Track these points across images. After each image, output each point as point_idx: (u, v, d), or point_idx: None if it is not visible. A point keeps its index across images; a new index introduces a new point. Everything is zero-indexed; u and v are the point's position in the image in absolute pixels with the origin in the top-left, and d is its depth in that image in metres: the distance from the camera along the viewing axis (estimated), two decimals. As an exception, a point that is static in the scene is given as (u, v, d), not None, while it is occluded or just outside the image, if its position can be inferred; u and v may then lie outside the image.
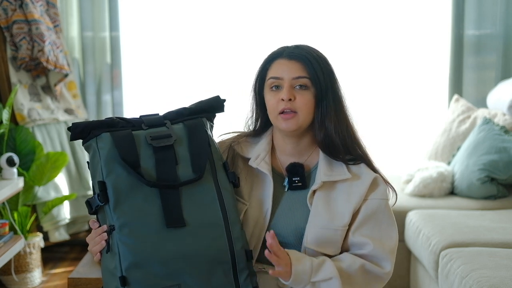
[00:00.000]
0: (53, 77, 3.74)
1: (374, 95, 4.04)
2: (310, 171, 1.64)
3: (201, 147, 1.50)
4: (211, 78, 4.08)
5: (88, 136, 1.47)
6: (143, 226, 1.40)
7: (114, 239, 1.40)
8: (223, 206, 1.47)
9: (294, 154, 1.66)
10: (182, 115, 1.55)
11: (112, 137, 1.44)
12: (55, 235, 3.65)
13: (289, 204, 1.62)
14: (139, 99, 4.15)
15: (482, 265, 2.18)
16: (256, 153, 1.64)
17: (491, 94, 3.68)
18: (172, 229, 1.41)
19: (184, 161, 1.47)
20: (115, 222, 1.40)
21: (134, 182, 1.42)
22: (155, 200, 1.42)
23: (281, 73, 1.59)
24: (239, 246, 1.47)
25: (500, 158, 3.14)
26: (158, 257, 1.39)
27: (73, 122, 1.48)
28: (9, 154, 3.10)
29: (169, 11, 4.05)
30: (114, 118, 1.50)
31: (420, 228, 2.81)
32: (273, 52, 1.65)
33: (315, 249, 1.56)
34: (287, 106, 1.57)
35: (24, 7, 3.51)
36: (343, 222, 1.57)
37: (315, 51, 1.62)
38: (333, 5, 4.00)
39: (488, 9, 3.90)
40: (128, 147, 1.43)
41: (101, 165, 1.43)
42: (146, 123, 1.50)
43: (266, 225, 1.59)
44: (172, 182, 1.44)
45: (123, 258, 1.38)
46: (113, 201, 1.41)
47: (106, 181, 1.42)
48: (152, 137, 1.46)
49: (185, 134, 1.51)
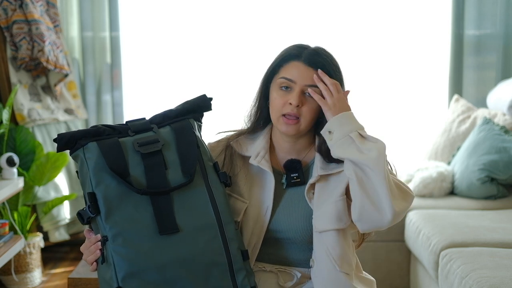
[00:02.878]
0: (53, 77, 3.74)
1: (374, 95, 4.03)
2: (308, 166, 1.65)
3: (189, 149, 1.48)
4: (211, 78, 4.08)
5: (74, 146, 1.45)
6: (136, 235, 1.39)
7: (108, 250, 1.39)
8: (215, 208, 1.46)
9: (292, 152, 1.66)
10: (169, 117, 1.54)
11: (99, 147, 1.43)
12: (55, 235, 3.65)
13: (289, 200, 1.63)
14: (139, 99, 4.15)
15: (482, 265, 2.18)
16: (256, 151, 1.64)
17: (491, 94, 3.68)
18: (166, 236, 1.40)
19: (173, 165, 1.46)
20: (107, 232, 1.39)
21: (124, 190, 1.41)
22: (147, 208, 1.41)
23: (295, 77, 1.57)
24: (235, 246, 1.46)
25: (500, 158, 3.14)
26: (154, 264, 1.38)
27: (58, 133, 1.47)
28: (9, 154, 3.10)
29: (169, 11, 4.05)
30: (99, 126, 1.48)
31: (420, 228, 2.81)
32: (290, 50, 1.61)
33: (326, 229, 1.55)
34: (293, 111, 1.56)
35: (24, 7, 3.51)
36: (340, 192, 1.57)
37: (332, 60, 1.60)
38: (333, 5, 3.99)
39: (488, 9, 3.90)
40: (115, 156, 1.42)
41: (90, 176, 1.42)
42: (132, 129, 1.48)
43: (266, 223, 1.60)
44: (162, 188, 1.43)
45: (118, 268, 1.38)
46: (104, 212, 1.39)
47: (96, 192, 1.41)
48: (139, 144, 1.45)
49: (173, 138, 1.49)
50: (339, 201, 1.56)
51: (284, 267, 1.63)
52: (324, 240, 1.56)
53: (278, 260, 1.64)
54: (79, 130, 1.46)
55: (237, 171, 1.64)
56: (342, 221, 1.56)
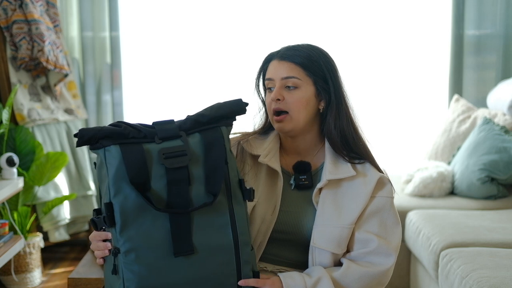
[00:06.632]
0: (53, 77, 3.74)
1: (374, 95, 4.03)
2: (317, 170, 1.66)
3: (217, 166, 1.39)
4: (211, 78, 4.08)
5: (96, 144, 1.37)
6: (150, 253, 1.34)
7: (120, 262, 1.36)
8: (234, 230, 1.40)
9: (299, 153, 1.67)
10: (200, 123, 1.42)
11: (122, 153, 1.34)
12: (55, 235, 3.65)
13: (295, 202, 1.63)
14: (139, 99, 4.15)
15: (482, 265, 2.18)
16: (266, 150, 1.65)
17: (491, 94, 3.68)
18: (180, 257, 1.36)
19: (197, 182, 1.38)
20: (120, 246, 1.35)
21: (142, 203, 1.33)
22: (164, 224, 1.35)
23: (272, 74, 1.63)
24: (248, 269, 1.43)
25: (500, 158, 3.14)
26: (164, 284, 1.35)
27: (80, 129, 1.37)
28: (9, 154, 3.10)
29: (169, 11, 4.05)
30: (125, 126, 1.38)
31: (420, 228, 2.81)
32: (270, 53, 1.68)
33: (322, 248, 1.56)
34: (277, 106, 1.60)
35: (24, 7, 3.51)
36: (350, 220, 1.57)
37: (313, 49, 1.63)
38: (333, 5, 3.99)
39: (488, 9, 3.90)
40: (138, 167, 1.33)
41: (109, 183, 1.34)
42: (159, 135, 1.38)
43: (273, 222, 1.60)
44: (183, 207, 1.35)
45: (128, 283, 1.35)
46: (120, 225, 1.34)
47: (114, 202, 1.34)
48: (165, 156, 1.35)
49: (202, 151, 1.39)
50: (346, 229, 1.56)
51: (286, 268, 1.63)
52: (316, 254, 1.57)
53: (280, 261, 1.63)
54: (103, 128, 1.36)
55: (247, 169, 1.65)
56: (340, 248, 1.57)
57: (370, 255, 1.57)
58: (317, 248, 1.56)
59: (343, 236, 1.56)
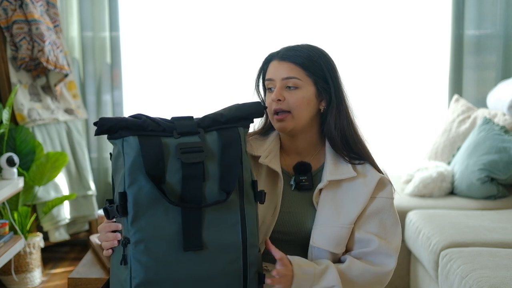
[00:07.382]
0: (53, 77, 3.74)
1: (374, 95, 4.04)
2: (317, 171, 1.66)
3: (232, 165, 1.41)
4: (211, 78, 4.08)
5: (114, 134, 1.38)
6: (159, 245, 1.35)
7: (129, 253, 1.37)
8: (244, 229, 1.41)
9: (299, 153, 1.68)
10: (218, 122, 1.44)
11: (140, 144, 1.35)
12: (55, 235, 3.65)
13: (296, 202, 1.63)
14: (139, 99, 4.15)
15: (482, 265, 2.18)
16: (266, 151, 1.65)
17: (491, 94, 3.68)
18: (189, 251, 1.36)
19: (212, 179, 1.39)
20: (131, 236, 1.35)
21: (156, 195, 1.35)
22: (176, 217, 1.36)
23: (272, 74, 1.63)
24: (253, 270, 1.43)
25: (500, 158, 3.14)
26: (170, 278, 1.36)
27: (100, 118, 1.39)
28: (9, 154, 3.10)
29: (169, 11, 4.05)
30: (145, 118, 1.40)
31: (420, 228, 2.81)
32: (270, 53, 1.68)
33: (322, 248, 1.56)
34: (278, 106, 1.61)
35: (24, 7, 3.51)
36: (349, 220, 1.58)
37: (313, 50, 1.63)
38: (333, 5, 4.00)
39: (488, 9, 3.90)
40: (155, 160, 1.35)
41: (125, 173, 1.36)
42: (178, 130, 1.40)
43: (273, 222, 1.60)
44: (196, 202, 1.37)
45: (135, 274, 1.35)
46: (132, 215, 1.35)
47: (128, 192, 1.35)
48: (182, 150, 1.37)
49: (218, 148, 1.41)
50: (345, 228, 1.57)
51: None
52: (315, 253, 1.57)
53: None
54: (123, 119, 1.38)
55: None
56: (339, 247, 1.58)
57: (371, 255, 1.57)
58: (316, 248, 1.57)
59: (342, 236, 1.57)
